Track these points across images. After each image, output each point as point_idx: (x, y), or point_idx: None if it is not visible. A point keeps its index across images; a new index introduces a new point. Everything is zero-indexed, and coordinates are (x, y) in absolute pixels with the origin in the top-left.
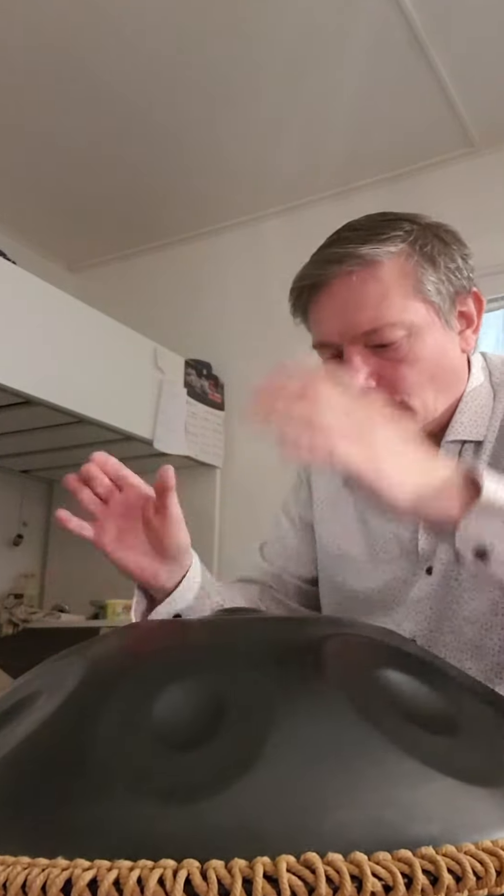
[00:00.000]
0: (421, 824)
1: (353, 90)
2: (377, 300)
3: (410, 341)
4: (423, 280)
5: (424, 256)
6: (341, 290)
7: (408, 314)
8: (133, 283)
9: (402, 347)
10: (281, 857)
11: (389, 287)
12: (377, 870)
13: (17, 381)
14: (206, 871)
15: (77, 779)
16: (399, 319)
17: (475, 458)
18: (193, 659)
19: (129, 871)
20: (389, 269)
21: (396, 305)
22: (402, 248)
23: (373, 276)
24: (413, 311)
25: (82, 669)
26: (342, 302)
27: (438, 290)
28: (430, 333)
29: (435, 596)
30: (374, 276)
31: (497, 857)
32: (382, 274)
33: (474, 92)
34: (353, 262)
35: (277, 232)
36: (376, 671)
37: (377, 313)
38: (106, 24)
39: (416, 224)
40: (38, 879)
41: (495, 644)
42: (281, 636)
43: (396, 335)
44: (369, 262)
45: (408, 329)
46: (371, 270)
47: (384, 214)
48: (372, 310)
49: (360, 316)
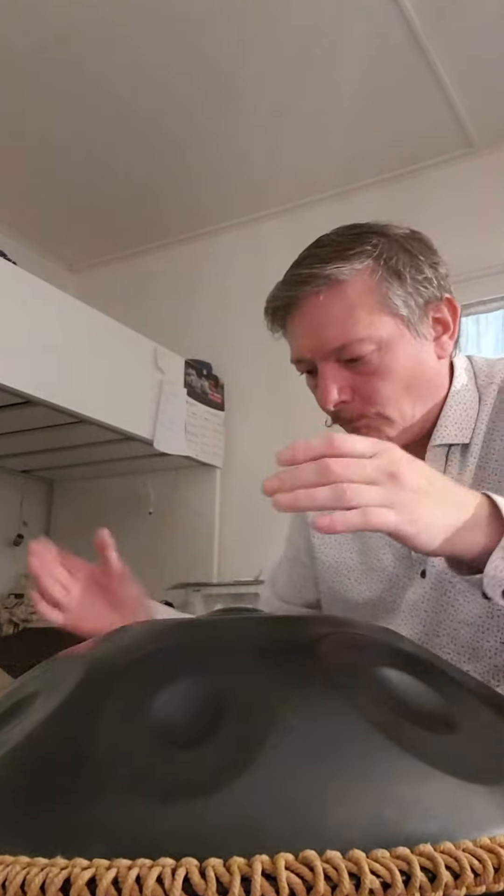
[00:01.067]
0: (419, 822)
1: (353, 91)
2: (344, 317)
3: (381, 354)
4: (388, 294)
5: (389, 271)
6: (310, 309)
7: (375, 329)
8: (133, 283)
9: (372, 361)
10: (279, 855)
11: (355, 304)
12: (375, 867)
13: (17, 381)
14: (204, 870)
15: (76, 778)
16: (367, 335)
17: (462, 461)
18: (192, 658)
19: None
20: (354, 287)
21: (363, 321)
22: (368, 263)
23: (338, 294)
24: (381, 325)
25: (82, 669)
26: (311, 321)
27: (406, 302)
28: (400, 346)
29: (430, 599)
30: (340, 295)
31: (495, 855)
32: (348, 291)
33: (474, 93)
34: (320, 283)
35: (277, 232)
36: (375, 669)
37: (345, 330)
38: (105, 25)
39: (384, 237)
40: (36, 879)
41: (492, 646)
42: (280, 635)
43: (365, 350)
44: (334, 282)
45: (377, 343)
46: (337, 289)
47: (353, 227)
48: (339, 327)
49: (328, 333)
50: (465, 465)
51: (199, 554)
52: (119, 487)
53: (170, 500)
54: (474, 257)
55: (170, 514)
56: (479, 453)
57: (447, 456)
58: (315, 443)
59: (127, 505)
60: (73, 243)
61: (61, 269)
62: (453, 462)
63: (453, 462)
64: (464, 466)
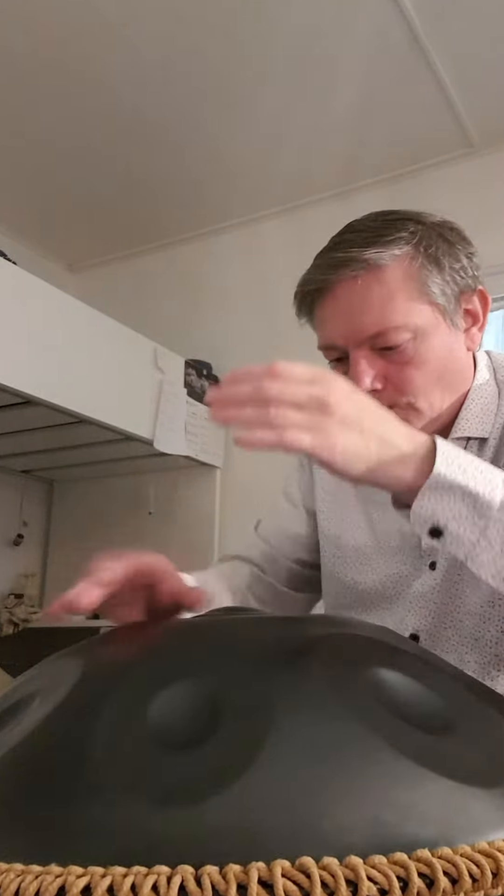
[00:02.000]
0: (417, 826)
1: (353, 91)
2: (382, 304)
3: (416, 343)
4: (427, 282)
5: (429, 258)
6: (346, 294)
7: (413, 317)
8: (133, 283)
9: (408, 350)
10: (276, 863)
11: (394, 290)
12: (372, 874)
13: (18, 381)
14: (200, 877)
15: (73, 780)
16: (404, 322)
17: (479, 454)
18: (191, 659)
19: (123, 877)
20: (394, 273)
21: (401, 308)
22: (407, 250)
23: (377, 279)
24: (418, 313)
25: (81, 669)
26: (347, 306)
27: (443, 291)
28: (435, 335)
29: (438, 590)
30: (379, 280)
31: (493, 859)
32: (387, 277)
33: (474, 92)
34: (357, 267)
35: (278, 232)
36: (374, 671)
37: (382, 317)
38: (105, 24)
39: (420, 224)
40: (31, 886)
41: (493, 635)
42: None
43: (402, 338)
44: (373, 266)
45: (413, 332)
46: (375, 274)
47: (388, 213)
48: (377, 313)
49: (365, 320)
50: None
51: (199, 554)
52: (119, 487)
53: (170, 500)
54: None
55: (170, 514)
56: (495, 447)
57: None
58: (259, 367)
59: (127, 505)
60: (73, 243)
61: (61, 269)
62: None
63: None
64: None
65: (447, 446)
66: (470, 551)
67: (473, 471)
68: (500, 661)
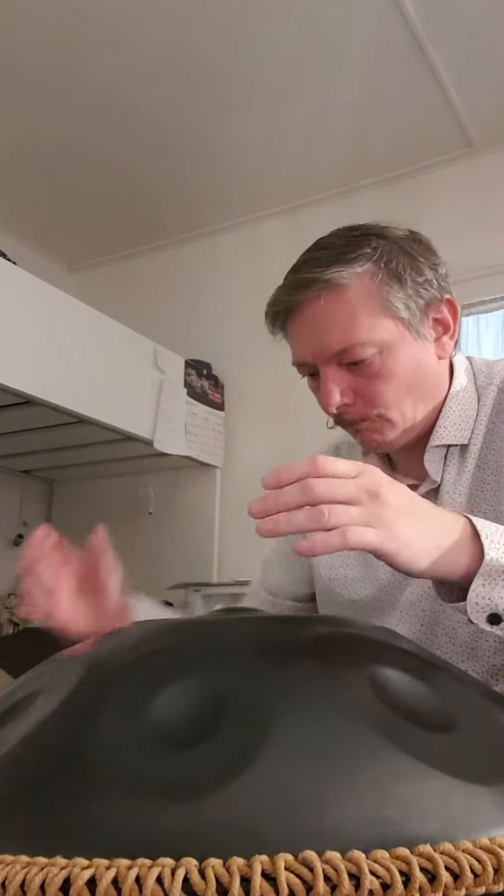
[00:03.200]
0: (419, 822)
1: (353, 90)
2: (345, 321)
3: (382, 357)
4: (389, 297)
5: (390, 274)
6: (311, 313)
7: (377, 332)
8: (133, 283)
9: (374, 364)
10: (279, 856)
11: (356, 308)
12: (375, 868)
13: (17, 381)
14: (204, 870)
15: (76, 778)
16: (368, 338)
17: (461, 462)
18: (192, 658)
19: (128, 869)
20: (355, 290)
21: (365, 325)
22: (368, 267)
23: (339, 298)
24: (382, 328)
25: (82, 669)
26: (312, 324)
27: (406, 305)
28: (401, 347)
29: (428, 598)
30: (341, 299)
31: (494, 855)
32: (349, 295)
33: (473, 92)
34: (320, 287)
35: (277, 232)
36: (374, 669)
37: (346, 334)
38: (105, 25)
39: (383, 239)
40: (36, 878)
41: (490, 645)
42: (279, 635)
43: (367, 353)
44: (335, 285)
45: (378, 346)
46: (337, 293)
47: (353, 229)
48: (341, 331)
49: (329, 337)
50: (463, 465)
51: (199, 554)
52: (119, 487)
53: (170, 500)
54: (474, 257)
55: (170, 514)
56: (478, 454)
57: (446, 457)
58: (299, 465)
59: (127, 505)
60: (73, 243)
61: (61, 269)
62: (451, 463)
63: (451, 463)
64: (462, 467)
65: (487, 526)
66: None
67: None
68: (498, 671)
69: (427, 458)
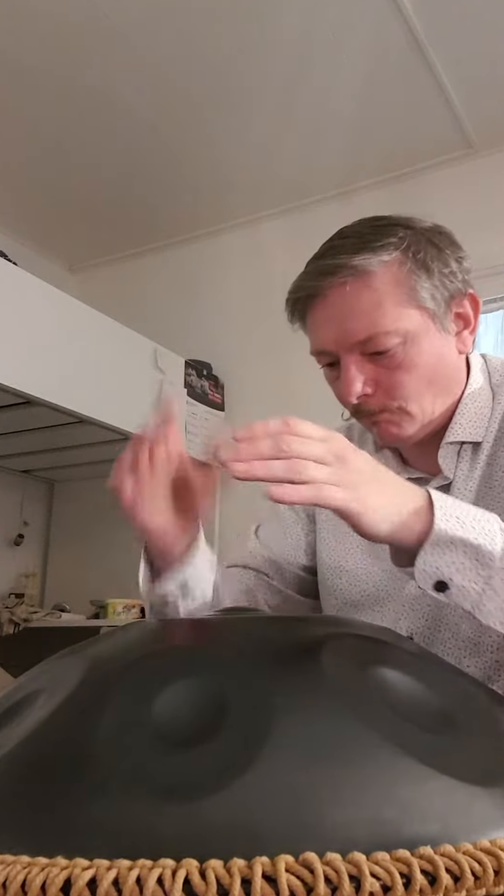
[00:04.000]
0: (419, 824)
1: (353, 91)
2: (371, 309)
3: (406, 348)
4: (416, 287)
5: (418, 263)
6: (335, 300)
7: (402, 322)
8: (133, 284)
9: (397, 354)
10: (279, 857)
11: (383, 296)
12: (375, 870)
13: (18, 381)
14: (204, 871)
15: (77, 778)
16: (394, 328)
17: (473, 459)
18: (193, 658)
19: (129, 870)
20: (382, 278)
21: (391, 314)
22: (396, 256)
23: (366, 285)
24: (407, 318)
25: (82, 669)
26: (337, 312)
27: (433, 295)
28: (425, 339)
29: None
30: (368, 286)
31: (495, 857)
32: (376, 283)
33: (473, 93)
34: (346, 273)
35: (277, 233)
36: (375, 670)
37: (371, 322)
38: (105, 26)
39: (409, 229)
40: (37, 879)
41: (493, 641)
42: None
43: (391, 343)
44: (362, 272)
45: (403, 336)
46: (364, 280)
47: (377, 219)
48: (366, 319)
49: (354, 325)
50: (475, 463)
51: None
52: None
53: None
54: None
55: None
56: (490, 451)
57: (459, 453)
58: (272, 422)
59: None
60: (73, 243)
61: (61, 269)
62: (464, 459)
63: (464, 459)
64: (474, 464)
65: (442, 498)
66: (476, 602)
67: (472, 521)
68: (501, 666)
69: (441, 455)
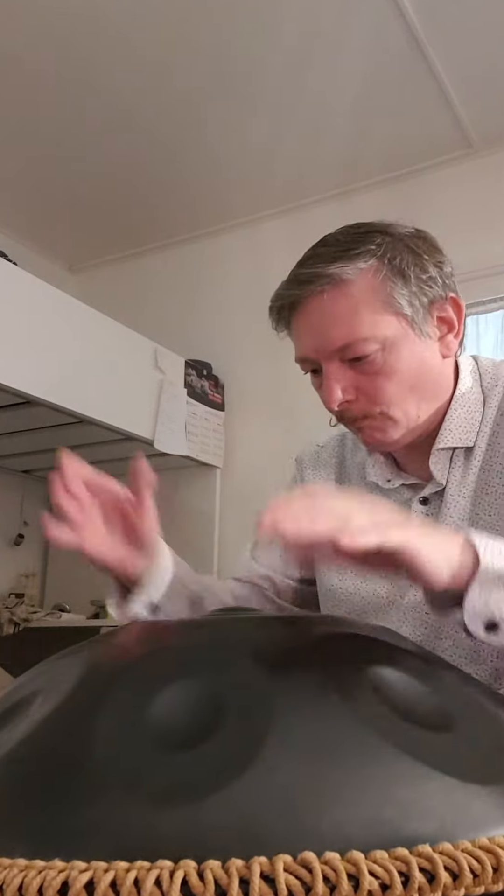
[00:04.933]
0: (418, 822)
1: (353, 91)
2: (348, 317)
3: (385, 354)
4: (393, 294)
5: (394, 270)
6: (314, 308)
7: (379, 328)
8: (133, 284)
9: (376, 360)
10: (278, 857)
11: (359, 303)
12: (374, 868)
13: (18, 381)
14: (202, 872)
15: (75, 779)
16: (371, 334)
17: (466, 464)
18: (191, 658)
19: (126, 872)
20: (359, 286)
21: (367, 321)
22: (372, 263)
23: (342, 293)
24: (385, 325)
25: (82, 669)
26: (315, 320)
27: (410, 302)
28: (404, 345)
29: None
30: (344, 294)
31: (494, 855)
32: (352, 291)
33: (473, 93)
34: (323, 282)
35: (277, 233)
36: (374, 669)
37: (348, 329)
38: (105, 27)
39: (388, 236)
40: (34, 881)
41: (493, 650)
42: (279, 635)
43: (369, 349)
44: (338, 281)
45: (381, 343)
46: (341, 288)
47: (358, 226)
48: (343, 326)
49: (332, 333)
50: (468, 468)
51: (199, 554)
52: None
53: (170, 500)
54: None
55: (170, 514)
56: (483, 456)
57: (451, 459)
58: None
59: None
60: (73, 243)
61: (61, 269)
62: (457, 465)
63: (457, 465)
64: (467, 469)
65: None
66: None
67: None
68: (501, 675)
69: (432, 461)
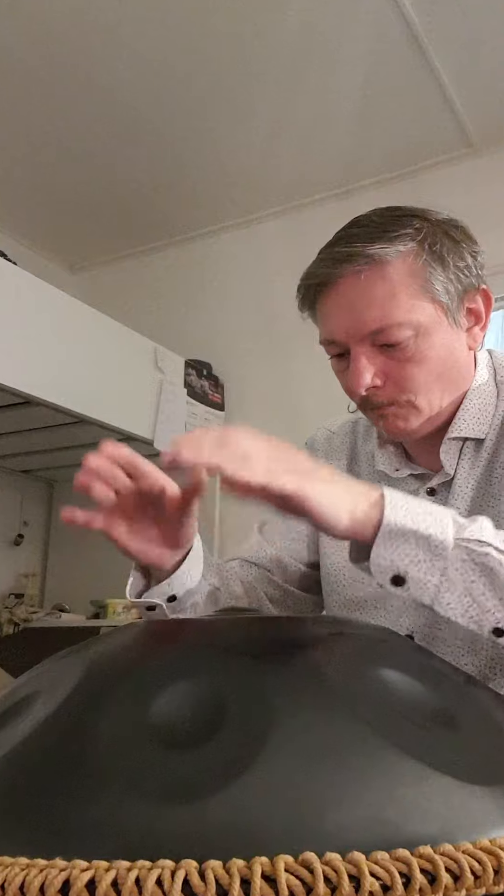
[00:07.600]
0: (419, 823)
1: (353, 91)
2: (385, 300)
3: (417, 341)
4: (431, 279)
5: (433, 255)
6: (349, 289)
7: (415, 314)
8: (133, 284)
9: (409, 347)
10: (279, 857)
11: (397, 287)
12: (375, 869)
13: (18, 381)
14: (204, 872)
15: (76, 779)
16: (406, 319)
17: (475, 455)
18: (193, 659)
19: (127, 871)
20: (397, 269)
21: (404, 305)
22: (412, 246)
23: (381, 275)
24: (420, 310)
25: (82, 669)
26: (350, 301)
27: (447, 289)
28: (437, 333)
29: None
30: (382, 276)
31: (495, 856)
32: (391, 273)
33: (474, 92)
34: (362, 261)
35: (277, 232)
36: (375, 670)
37: (384, 313)
38: (105, 27)
39: (426, 221)
40: (36, 880)
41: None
42: (280, 636)
43: (403, 335)
44: (377, 262)
45: (415, 329)
46: (379, 270)
47: (394, 209)
48: (379, 309)
49: (367, 315)
50: (477, 460)
51: None
52: None
53: None
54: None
55: None
56: (492, 449)
57: (461, 450)
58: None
59: None
60: (73, 243)
61: (61, 269)
62: (466, 456)
63: (466, 456)
64: (476, 462)
65: (392, 493)
66: (435, 595)
67: (423, 514)
68: (497, 665)
69: (443, 450)
